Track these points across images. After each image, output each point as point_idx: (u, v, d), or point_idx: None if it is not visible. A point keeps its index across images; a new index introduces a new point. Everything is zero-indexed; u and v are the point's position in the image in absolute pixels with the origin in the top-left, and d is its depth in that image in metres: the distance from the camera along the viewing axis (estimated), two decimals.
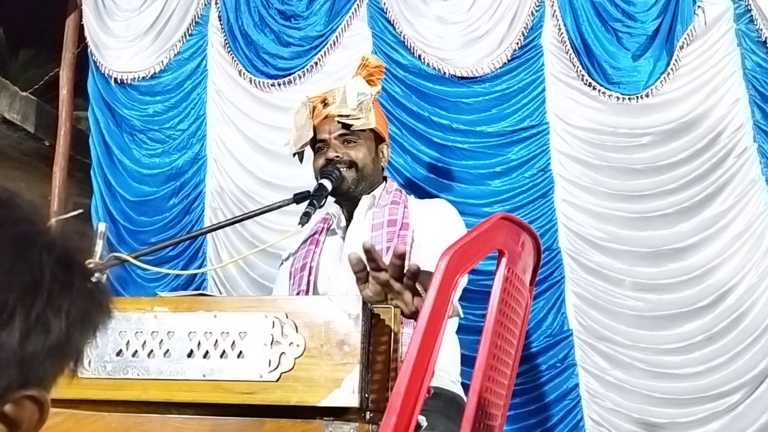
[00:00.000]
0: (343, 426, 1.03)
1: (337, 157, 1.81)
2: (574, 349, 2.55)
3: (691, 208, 2.53)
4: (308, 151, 2.81)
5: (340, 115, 1.83)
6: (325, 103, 1.87)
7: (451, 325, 1.81)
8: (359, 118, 1.83)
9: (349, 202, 1.86)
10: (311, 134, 1.85)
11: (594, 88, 2.68)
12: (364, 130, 1.85)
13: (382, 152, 1.93)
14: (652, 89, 2.62)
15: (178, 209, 3.03)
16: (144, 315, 1.09)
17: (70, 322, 0.56)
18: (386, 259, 1.67)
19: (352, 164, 1.82)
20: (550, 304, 2.57)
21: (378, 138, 1.92)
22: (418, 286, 1.19)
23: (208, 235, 2.92)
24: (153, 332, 1.08)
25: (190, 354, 1.06)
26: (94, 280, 0.61)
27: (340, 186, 1.80)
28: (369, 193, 1.85)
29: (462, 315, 1.83)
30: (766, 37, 2.59)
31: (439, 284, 0.88)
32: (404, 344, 1.06)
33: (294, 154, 1.92)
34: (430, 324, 0.88)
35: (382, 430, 0.84)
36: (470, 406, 0.93)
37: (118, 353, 1.08)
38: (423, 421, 1.16)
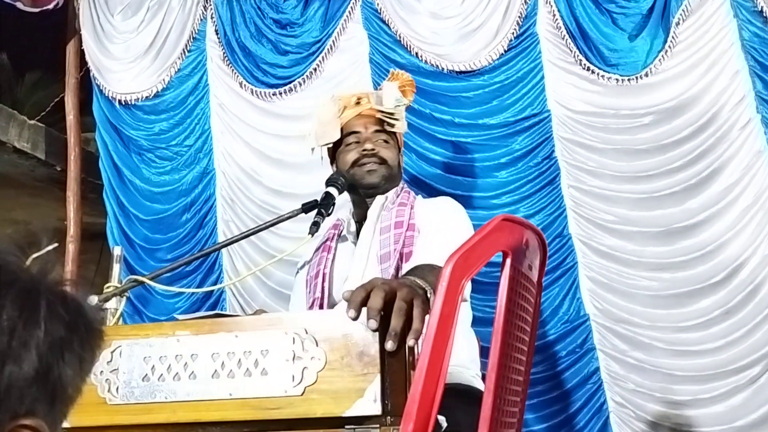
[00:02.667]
0: None
1: (373, 150, 1.86)
2: (593, 333, 2.56)
3: (698, 185, 2.53)
4: (315, 157, 2.84)
5: (383, 112, 1.90)
6: (357, 103, 1.91)
7: (466, 319, 1.84)
8: (398, 120, 1.92)
9: (363, 201, 1.89)
10: (337, 135, 1.88)
11: (593, 72, 2.68)
12: (394, 134, 1.92)
13: (401, 158, 1.99)
14: (650, 68, 2.62)
15: (191, 224, 3.08)
16: (167, 340, 1.12)
17: (44, 353, 0.58)
18: (392, 261, 1.71)
19: (383, 161, 1.87)
20: (565, 290, 2.59)
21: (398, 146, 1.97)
22: (422, 282, 1.19)
23: (223, 248, 2.96)
24: (177, 356, 1.11)
25: (215, 374, 1.09)
26: (74, 310, 0.62)
27: (366, 181, 1.83)
28: (384, 194, 1.89)
29: (468, 299, 1.85)
30: (762, 7, 2.57)
31: (445, 291, 0.91)
32: (420, 347, 1.09)
33: (312, 149, 1.96)
34: (439, 331, 0.90)
35: None
36: (486, 407, 0.96)
37: (144, 378, 1.11)
38: (443, 421, 1.19)
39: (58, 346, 0.59)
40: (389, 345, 0.99)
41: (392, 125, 1.90)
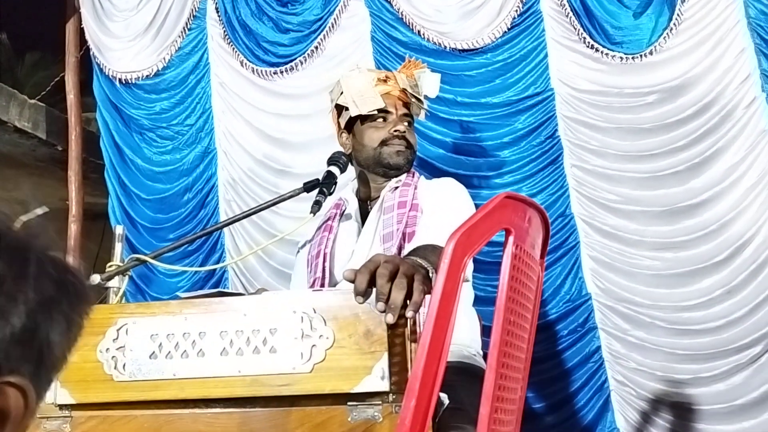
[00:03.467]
0: (368, 409, 1.07)
1: (404, 132, 1.86)
2: (594, 313, 2.57)
3: (702, 164, 2.52)
4: (317, 136, 2.83)
5: (417, 99, 1.92)
6: (385, 80, 1.90)
7: (468, 298, 1.84)
8: (424, 108, 1.96)
9: (372, 180, 1.89)
10: (382, 104, 1.85)
11: (597, 50, 2.66)
12: (415, 120, 1.95)
13: None
14: (655, 46, 2.60)
15: (192, 204, 3.08)
16: (174, 318, 1.13)
17: (32, 309, 0.56)
18: (395, 241, 1.71)
19: (410, 145, 1.88)
20: (567, 269, 2.59)
21: None
22: (423, 262, 1.19)
23: (225, 228, 2.96)
24: (185, 333, 1.11)
25: (224, 352, 1.09)
26: (63, 272, 0.60)
27: (396, 163, 1.83)
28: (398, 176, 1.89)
29: (470, 279, 1.86)
30: None
31: (448, 268, 0.90)
32: (422, 324, 1.09)
33: (338, 113, 1.94)
34: (441, 308, 0.90)
35: (403, 413, 0.87)
36: (488, 384, 0.96)
37: (152, 355, 1.12)
38: (445, 398, 1.20)
39: (47, 304, 0.58)
40: (389, 318, 1.00)
41: (418, 114, 1.93)
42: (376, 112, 1.85)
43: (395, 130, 1.85)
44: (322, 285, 1.76)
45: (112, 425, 1.13)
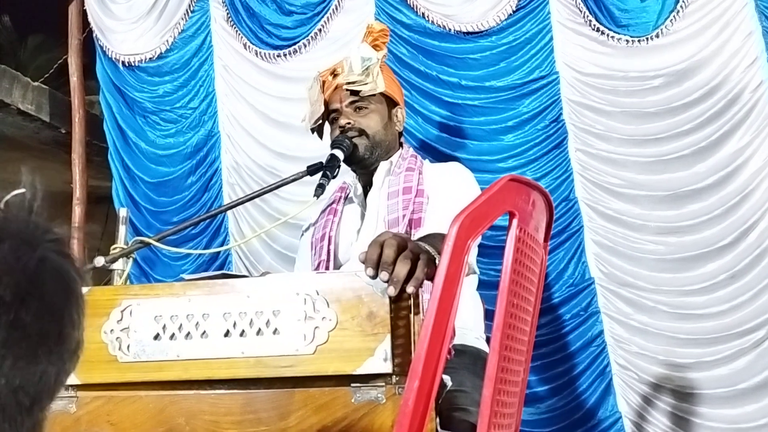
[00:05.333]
0: (371, 391, 1.08)
1: (349, 124, 1.83)
2: (597, 297, 2.56)
3: (707, 148, 2.50)
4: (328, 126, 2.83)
5: (348, 83, 1.84)
6: (334, 75, 1.88)
7: (471, 282, 1.84)
8: (366, 84, 1.85)
9: (365, 170, 1.88)
10: (322, 109, 1.88)
11: (602, 33, 2.63)
12: (374, 95, 1.86)
13: (396, 116, 1.94)
14: (661, 29, 2.57)
15: (196, 187, 3.08)
16: (178, 299, 1.13)
17: None
18: (401, 227, 1.71)
19: (362, 132, 1.84)
20: (570, 254, 2.58)
21: (391, 102, 1.92)
22: (431, 248, 1.19)
23: (229, 211, 2.96)
24: (188, 315, 1.12)
25: (227, 333, 1.10)
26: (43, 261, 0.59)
27: (354, 154, 1.82)
28: (386, 159, 1.87)
29: (478, 272, 1.86)
30: None
31: (452, 250, 0.91)
32: (425, 308, 1.09)
33: (312, 131, 1.94)
34: (445, 290, 0.90)
35: (406, 394, 0.87)
36: (491, 366, 0.96)
37: (156, 337, 1.12)
38: (448, 380, 1.20)
39: (21, 294, 0.57)
40: (390, 291, 1.02)
41: (359, 92, 1.84)
42: (333, 116, 1.87)
43: (339, 127, 1.84)
44: (327, 268, 1.76)
45: (116, 405, 1.14)
